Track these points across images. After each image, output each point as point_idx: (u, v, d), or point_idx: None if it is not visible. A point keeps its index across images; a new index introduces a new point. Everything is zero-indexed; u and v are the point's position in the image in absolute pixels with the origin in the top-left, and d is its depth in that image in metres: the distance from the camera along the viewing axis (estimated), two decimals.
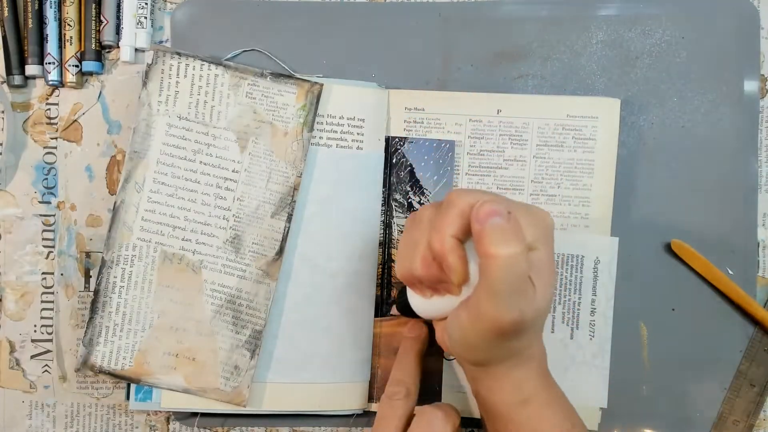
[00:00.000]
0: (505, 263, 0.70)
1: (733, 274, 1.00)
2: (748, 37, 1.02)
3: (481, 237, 0.71)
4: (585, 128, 0.98)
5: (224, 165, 0.96)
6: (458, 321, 0.77)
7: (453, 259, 0.76)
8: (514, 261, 0.71)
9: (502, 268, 0.71)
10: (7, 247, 1.01)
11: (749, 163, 1.01)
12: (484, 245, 0.71)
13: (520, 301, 0.73)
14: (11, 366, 1.01)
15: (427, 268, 0.79)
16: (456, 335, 0.78)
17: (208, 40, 1.01)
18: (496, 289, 0.71)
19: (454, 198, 0.77)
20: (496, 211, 0.72)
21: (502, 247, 0.70)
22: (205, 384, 0.95)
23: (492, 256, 0.70)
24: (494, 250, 0.70)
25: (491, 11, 1.02)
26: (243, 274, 0.95)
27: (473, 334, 0.76)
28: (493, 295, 0.72)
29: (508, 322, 0.73)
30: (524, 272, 0.73)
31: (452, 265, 0.76)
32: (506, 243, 0.71)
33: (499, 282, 0.71)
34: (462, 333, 0.77)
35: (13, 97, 1.01)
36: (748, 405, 1.00)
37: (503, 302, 0.72)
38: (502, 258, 0.70)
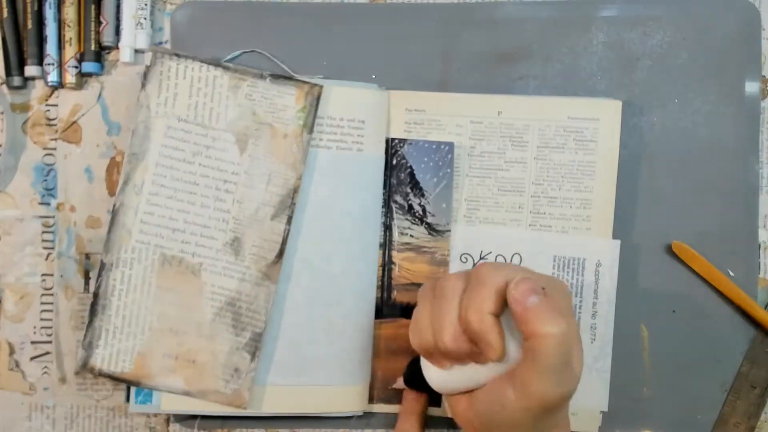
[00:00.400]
0: (556, 341, 0.71)
1: (734, 275, 1.00)
2: (750, 38, 1.02)
3: (527, 318, 0.72)
4: (586, 130, 0.98)
5: (224, 167, 0.96)
6: (502, 400, 0.76)
7: (493, 338, 0.75)
8: (564, 338, 0.71)
9: (554, 347, 0.71)
10: (7, 248, 1.01)
11: (750, 164, 1.01)
12: (533, 326, 0.71)
13: (567, 376, 0.74)
14: (11, 368, 1.00)
15: (457, 344, 0.78)
16: (497, 414, 0.77)
17: (208, 42, 1.01)
18: (548, 367, 0.72)
19: (485, 273, 0.76)
20: (534, 289, 0.72)
21: (551, 326, 0.71)
22: (205, 386, 0.95)
23: (543, 336, 0.71)
24: (544, 330, 0.71)
25: (491, 12, 1.02)
26: (243, 277, 0.95)
27: (520, 413, 0.75)
28: (546, 374, 0.72)
29: (558, 398, 0.74)
30: (571, 347, 0.73)
31: (493, 343, 0.75)
32: (554, 321, 0.71)
33: (551, 360, 0.71)
34: (507, 412, 0.76)
35: (12, 98, 1.01)
36: (749, 407, 1.00)
37: (554, 379, 0.72)
38: (553, 336, 0.71)
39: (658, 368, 1.01)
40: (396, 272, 1.00)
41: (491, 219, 0.99)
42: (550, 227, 0.99)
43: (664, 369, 1.01)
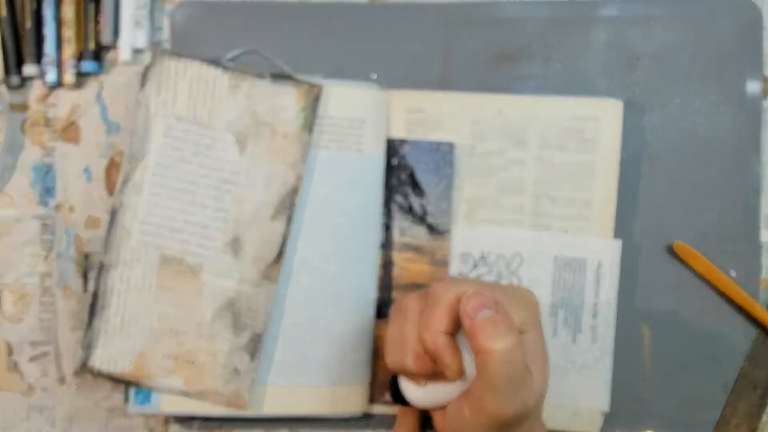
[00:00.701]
0: (502, 357, 0.71)
1: (735, 276, 1.00)
2: (751, 37, 1.01)
3: (474, 333, 0.72)
4: (587, 130, 0.98)
5: (223, 167, 0.96)
6: (460, 415, 0.77)
7: (447, 357, 0.77)
8: (510, 354, 0.71)
9: (500, 363, 0.71)
10: (5, 248, 1.00)
11: (752, 164, 1.01)
12: (479, 341, 0.72)
13: (521, 392, 0.74)
14: (9, 368, 1.00)
15: (419, 364, 0.80)
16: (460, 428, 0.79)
17: (207, 41, 1.01)
18: (497, 385, 0.72)
19: (439, 292, 0.78)
20: (484, 303, 0.73)
21: (497, 342, 0.71)
22: (205, 387, 0.95)
23: (488, 352, 0.71)
24: (489, 346, 0.71)
25: (492, 11, 1.02)
26: (242, 277, 0.95)
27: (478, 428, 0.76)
28: (494, 391, 0.72)
29: (512, 416, 0.74)
30: (522, 363, 0.73)
31: (447, 362, 0.77)
32: (500, 337, 0.71)
33: (499, 377, 0.72)
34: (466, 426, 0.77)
35: (10, 97, 1.01)
36: (751, 407, 1.00)
37: (505, 396, 0.73)
38: (498, 353, 0.71)
39: (659, 368, 1.01)
40: (396, 272, 0.99)
41: (492, 219, 0.99)
42: (550, 227, 0.99)
43: (666, 369, 1.01)
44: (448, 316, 0.76)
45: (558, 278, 0.99)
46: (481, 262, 0.99)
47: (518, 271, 0.98)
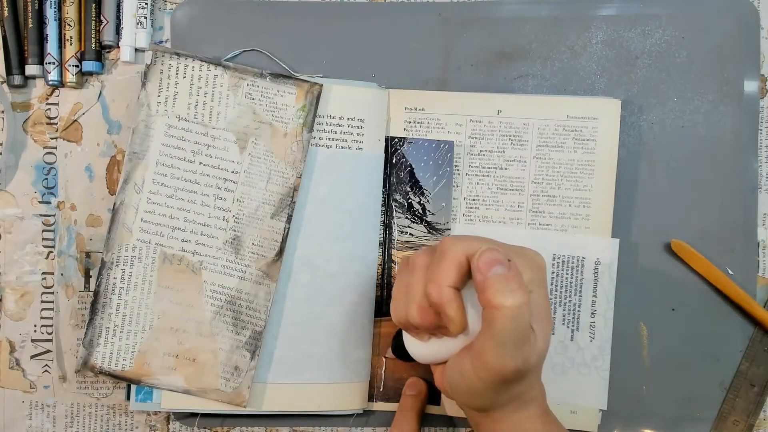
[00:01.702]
0: (511, 314, 0.71)
1: (733, 274, 1.00)
2: (749, 37, 1.02)
3: (485, 288, 0.72)
4: (585, 129, 0.98)
5: (224, 166, 0.96)
6: (461, 369, 0.77)
7: (452, 311, 0.76)
8: (518, 311, 0.71)
9: (508, 319, 0.71)
10: (7, 247, 1.01)
11: (749, 163, 1.01)
12: (489, 296, 0.71)
13: (524, 349, 0.74)
14: (11, 366, 1.01)
15: (423, 317, 0.79)
16: (458, 382, 0.78)
17: (208, 40, 1.01)
18: (502, 340, 0.72)
19: (448, 246, 0.77)
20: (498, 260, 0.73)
21: (507, 298, 0.71)
22: (206, 385, 0.95)
23: (497, 308, 0.71)
24: (499, 301, 0.71)
25: (491, 11, 1.02)
26: (243, 275, 0.95)
27: (477, 382, 0.76)
28: (499, 345, 0.72)
29: (513, 371, 0.73)
30: (528, 321, 0.73)
31: (451, 315, 0.76)
32: (511, 294, 0.71)
33: (505, 333, 0.71)
34: (465, 380, 0.77)
35: (13, 97, 1.01)
36: (748, 405, 1.00)
37: (508, 351, 0.72)
38: (508, 309, 0.71)
39: (657, 366, 1.01)
40: (396, 271, 1.00)
41: (491, 218, 0.99)
42: (549, 226, 0.99)
43: (664, 367, 1.01)
44: (455, 270, 0.76)
45: (556, 277, 0.99)
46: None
47: None
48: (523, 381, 0.77)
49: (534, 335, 0.76)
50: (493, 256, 0.73)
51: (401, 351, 0.88)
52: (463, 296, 0.77)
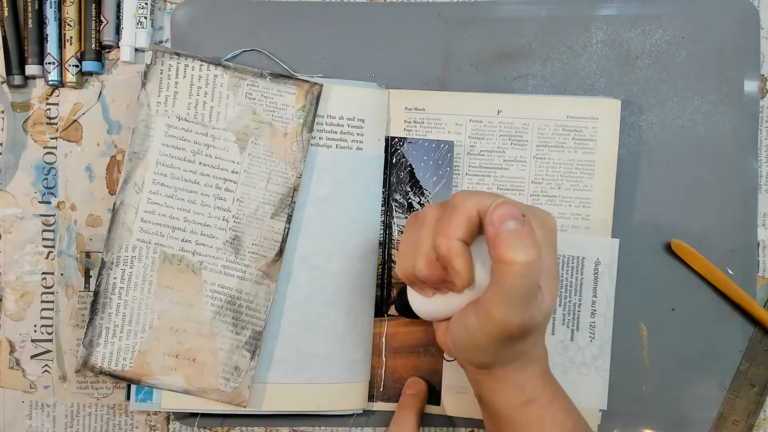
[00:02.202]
0: (522, 270, 0.70)
1: (733, 274, 1.00)
2: (749, 37, 1.02)
3: (497, 243, 0.71)
4: (585, 129, 0.98)
5: (224, 166, 0.96)
6: (465, 323, 0.76)
7: (459, 264, 0.75)
8: (530, 268, 0.70)
9: (518, 275, 0.70)
10: (7, 247, 1.01)
11: (749, 163, 1.01)
12: (500, 251, 0.70)
13: (531, 306, 0.73)
14: (11, 366, 1.01)
15: (430, 270, 0.78)
16: (462, 338, 0.78)
17: (208, 40, 1.01)
18: (510, 295, 0.71)
19: (459, 200, 0.76)
20: (512, 214, 0.71)
21: (520, 254, 0.70)
22: (206, 385, 0.95)
23: (508, 263, 0.70)
24: (511, 257, 0.70)
25: (491, 11, 1.02)
26: (243, 275, 0.95)
27: (481, 337, 0.75)
28: (506, 301, 0.71)
29: (518, 327, 0.73)
30: (537, 278, 0.72)
31: (458, 269, 0.75)
32: (524, 249, 0.70)
33: (514, 288, 0.71)
34: (469, 335, 0.76)
35: (13, 97, 1.01)
36: (748, 405, 1.00)
37: (515, 307, 0.72)
38: (519, 265, 0.70)
39: (657, 367, 1.01)
40: (396, 270, 1.00)
41: None
42: None
43: (664, 367, 1.01)
44: (465, 224, 0.75)
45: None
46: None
47: None
48: (527, 339, 0.77)
49: (541, 294, 0.75)
50: (508, 210, 0.71)
51: (406, 309, 0.87)
52: (471, 251, 0.76)
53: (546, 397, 0.81)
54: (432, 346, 0.99)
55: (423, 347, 1.00)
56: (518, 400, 0.81)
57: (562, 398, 0.83)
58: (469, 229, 0.75)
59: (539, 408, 0.81)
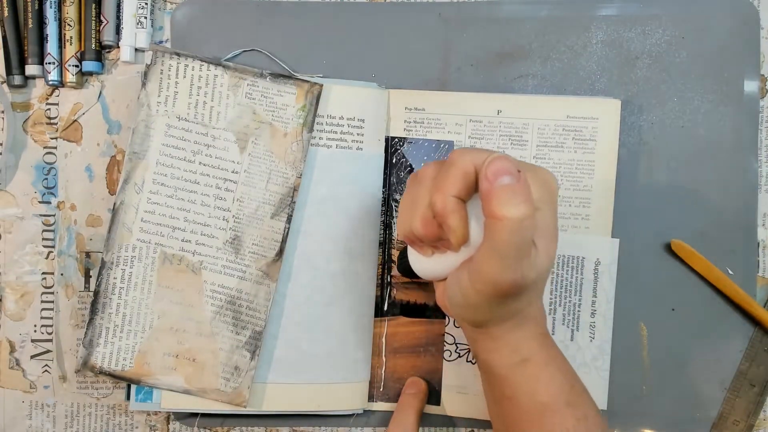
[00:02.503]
0: (513, 226, 0.69)
1: (733, 274, 1.00)
2: (748, 37, 1.02)
3: (490, 197, 0.70)
4: (585, 129, 0.98)
5: (224, 166, 0.96)
6: (459, 281, 0.76)
7: (454, 220, 0.74)
8: (522, 225, 0.69)
9: (509, 231, 0.69)
10: (7, 247, 1.01)
11: (749, 162, 1.01)
12: (493, 206, 0.69)
13: (522, 264, 0.72)
14: (11, 366, 1.01)
15: (426, 227, 0.77)
16: (456, 295, 0.77)
17: (208, 40, 1.01)
18: (501, 252, 0.70)
19: (456, 157, 0.75)
20: (507, 169, 0.70)
21: (511, 210, 0.69)
22: (206, 385, 0.95)
23: (500, 218, 0.69)
24: (503, 212, 0.69)
25: (491, 11, 1.02)
26: (243, 275, 0.95)
27: (473, 294, 0.75)
28: (497, 257, 0.71)
29: (509, 284, 0.72)
30: (530, 235, 0.71)
31: (453, 225, 0.74)
32: (516, 205, 0.69)
33: (505, 245, 0.70)
34: (462, 293, 0.76)
35: (13, 97, 1.01)
36: (749, 405, 1.00)
37: (507, 264, 0.71)
38: (510, 221, 0.69)
39: (657, 366, 1.01)
40: (395, 271, 1.00)
41: None
42: None
43: (664, 367, 1.01)
44: (462, 181, 0.74)
45: (556, 277, 0.99)
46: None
47: None
48: (522, 297, 0.77)
49: (536, 251, 0.74)
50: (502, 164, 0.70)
51: (407, 270, 0.87)
52: (468, 209, 0.76)
53: (542, 357, 0.81)
54: (432, 346, 1.00)
55: (423, 347, 1.00)
56: (513, 359, 0.80)
57: (559, 360, 0.83)
58: (465, 186, 0.74)
59: (534, 368, 0.80)
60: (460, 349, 0.99)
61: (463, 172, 0.74)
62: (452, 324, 1.00)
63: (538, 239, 0.75)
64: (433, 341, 0.99)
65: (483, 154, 0.73)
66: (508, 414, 0.82)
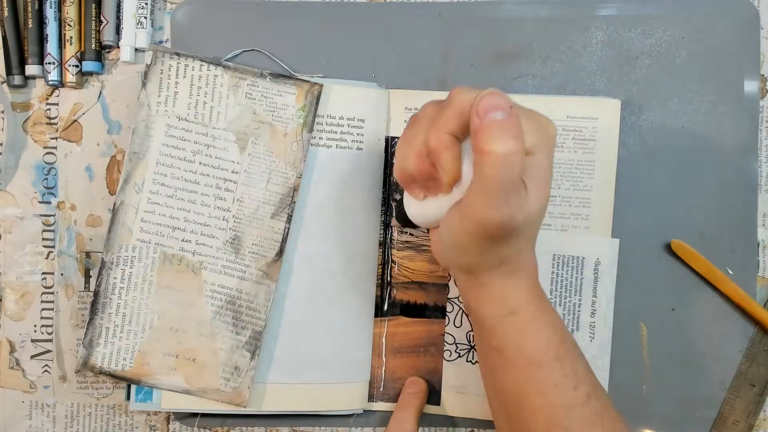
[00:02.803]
0: (498, 161, 0.67)
1: (733, 274, 1.00)
2: (748, 37, 1.02)
3: (478, 132, 0.68)
4: (585, 129, 0.98)
5: (224, 166, 0.96)
6: (449, 221, 0.76)
7: (446, 157, 0.73)
8: (508, 160, 0.68)
9: (495, 166, 0.68)
10: (7, 247, 1.01)
11: (749, 163, 1.01)
12: (480, 141, 0.68)
13: (510, 202, 0.71)
14: (11, 366, 1.01)
15: (420, 164, 0.76)
16: (446, 236, 0.77)
17: (208, 40, 1.01)
18: (487, 188, 0.69)
19: (454, 94, 0.74)
20: (498, 105, 0.68)
21: (498, 145, 0.67)
22: (206, 385, 0.95)
23: (486, 153, 0.67)
24: (490, 147, 0.67)
25: (491, 11, 1.02)
26: (243, 275, 0.95)
27: (462, 234, 0.74)
28: (484, 194, 0.69)
29: (496, 222, 0.71)
30: (518, 173, 0.69)
31: (444, 162, 0.73)
32: (503, 141, 0.67)
33: (491, 180, 0.68)
34: (452, 233, 0.75)
35: (13, 97, 1.01)
36: (748, 405, 1.00)
37: (493, 201, 0.69)
38: (496, 156, 0.67)
39: (657, 366, 1.01)
40: (396, 270, 1.00)
41: None
42: (549, 226, 0.99)
43: (664, 367, 1.01)
44: (457, 119, 0.73)
45: (556, 276, 0.99)
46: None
47: None
48: (511, 242, 0.75)
49: (525, 192, 0.73)
50: (494, 100, 0.68)
51: (404, 217, 0.86)
52: (464, 150, 0.75)
53: (530, 310, 0.80)
54: (432, 346, 0.99)
55: (423, 347, 1.00)
56: (502, 310, 0.80)
57: (549, 314, 0.82)
58: (461, 124, 0.73)
59: (522, 321, 0.80)
60: (460, 349, 0.99)
61: (460, 110, 0.73)
62: (452, 324, 1.00)
63: (529, 180, 0.74)
64: (433, 341, 0.99)
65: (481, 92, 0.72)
66: (497, 366, 0.82)
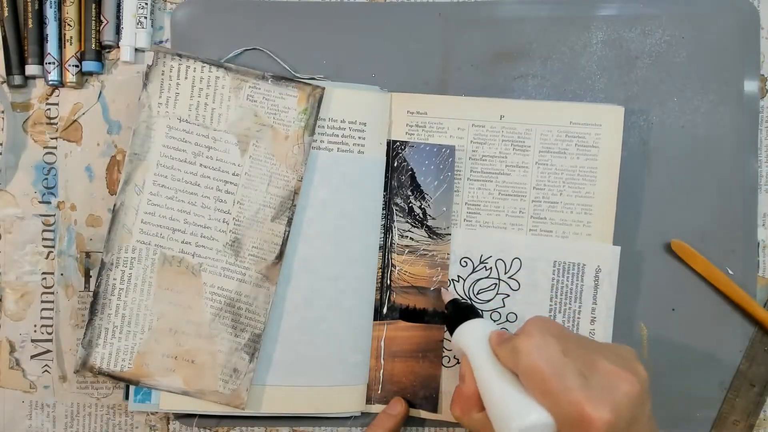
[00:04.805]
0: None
1: (733, 274, 1.01)
2: (748, 37, 1.02)
3: None
4: (588, 135, 0.98)
5: (224, 168, 0.96)
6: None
7: None
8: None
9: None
10: (7, 247, 1.01)
11: (749, 163, 1.01)
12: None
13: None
14: (11, 366, 1.01)
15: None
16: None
17: (209, 40, 1.01)
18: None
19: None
20: None
21: None
22: (204, 386, 0.95)
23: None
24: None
25: (491, 11, 1.02)
26: (243, 278, 0.95)
27: None
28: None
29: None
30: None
31: None
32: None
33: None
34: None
35: (13, 97, 1.01)
36: (748, 405, 1.01)
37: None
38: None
39: (657, 366, 1.01)
40: (396, 275, 1.00)
41: (491, 223, 0.99)
42: (550, 232, 0.99)
43: (664, 367, 1.01)
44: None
45: (556, 283, 0.99)
46: (480, 265, 0.99)
47: (517, 275, 0.99)
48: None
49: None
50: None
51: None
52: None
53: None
54: (430, 352, 1.00)
55: (422, 352, 1.00)
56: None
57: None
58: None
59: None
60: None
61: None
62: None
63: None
64: (431, 347, 0.99)
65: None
66: None
